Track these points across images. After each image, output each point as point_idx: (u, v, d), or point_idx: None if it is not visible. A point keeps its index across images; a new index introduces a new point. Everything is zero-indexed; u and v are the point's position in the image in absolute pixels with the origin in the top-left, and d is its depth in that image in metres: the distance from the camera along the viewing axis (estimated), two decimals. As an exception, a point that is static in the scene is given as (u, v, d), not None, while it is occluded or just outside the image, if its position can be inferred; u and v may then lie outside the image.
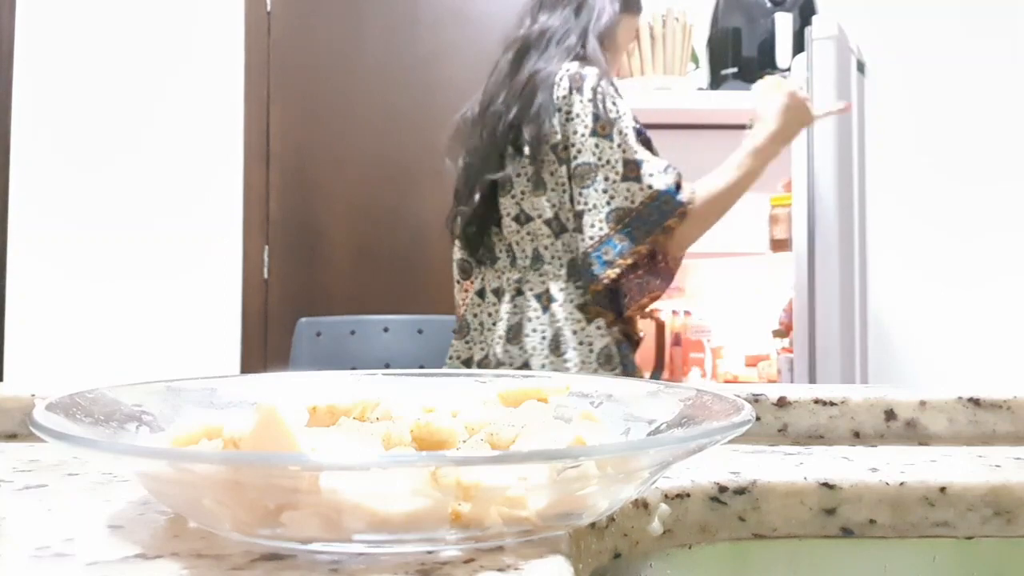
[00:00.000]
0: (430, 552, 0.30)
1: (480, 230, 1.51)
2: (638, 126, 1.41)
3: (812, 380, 1.93)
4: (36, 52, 2.60)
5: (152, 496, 0.34)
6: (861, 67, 2.09)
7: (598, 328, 1.39)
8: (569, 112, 1.39)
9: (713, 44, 2.32)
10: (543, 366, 1.38)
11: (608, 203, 1.36)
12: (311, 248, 2.65)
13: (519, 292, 1.44)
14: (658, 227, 1.37)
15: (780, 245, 2.19)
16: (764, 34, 2.20)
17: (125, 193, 2.59)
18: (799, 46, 2.15)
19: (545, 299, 1.41)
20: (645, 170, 1.37)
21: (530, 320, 1.41)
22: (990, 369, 2.52)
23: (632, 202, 1.36)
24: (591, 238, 1.36)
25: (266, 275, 2.64)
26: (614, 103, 1.39)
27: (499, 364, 1.42)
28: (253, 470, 0.29)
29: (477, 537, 0.30)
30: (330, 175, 2.65)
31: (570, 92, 1.39)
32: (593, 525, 0.38)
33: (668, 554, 0.43)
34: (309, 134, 2.66)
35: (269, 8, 2.66)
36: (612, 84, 1.42)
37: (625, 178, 1.37)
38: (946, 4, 2.64)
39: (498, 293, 1.47)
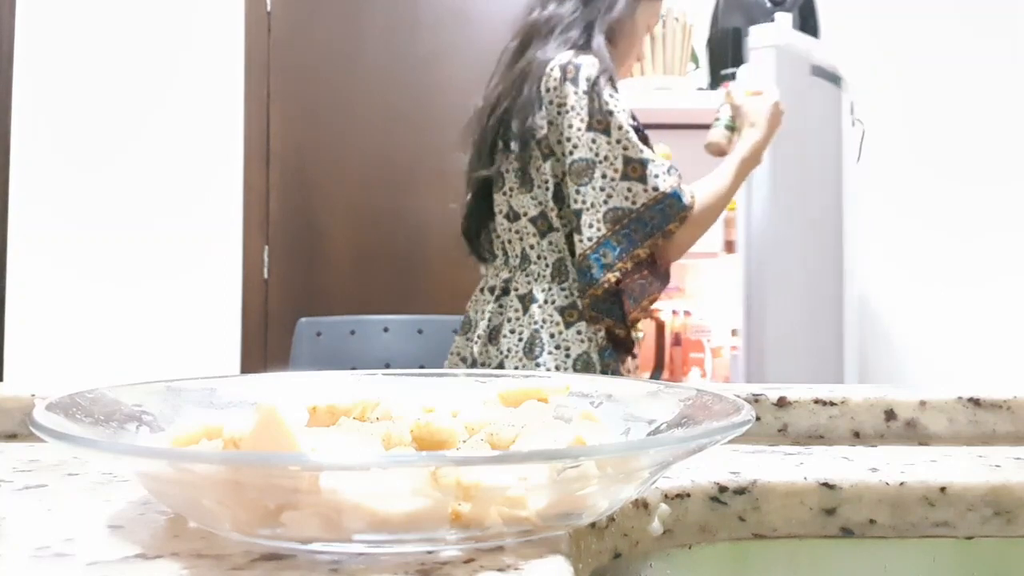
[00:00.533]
0: (430, 552, 0.30)
1: (477, 227, 1.47)
2: (635, 123, 1.34)
3: (748, 379, 1.96)
4: (36, 52, 2.60)
5: (152, 496, 0.34)
6: (834, 78, 2.07)
7: (578, 333, 1.32)
8: (562, 104, 1.32)
9: (713, 44, 2.32)
10: (516, 368, 1.32)
11: (605, 202, 1.29)
12: (311, 248, 2.65)
13: (505, 291, 1.40)
14: (659, 231, 1.31)
15: (731, 247, 2.23)
16: (764, 34, 2.20)
17: (125, 193, 2.59)
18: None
19: (527, 300, 1.36)
20: (651, 170, 1.30)
21: (509, 321, 1.36)
22: (990, 369, 2.52)
23: (633, 203, 1.30)
24: (589, 239, 1.30)
25: (266, 275, 2.64)
26: (611, 96, 1.31)
27: (474, 364, 1.39)
28: (253, 470, 0.29)
29: (477, 537, 0.30)
30: (330, 175, 2.66)
31: (562, 83, 1.32)
32: (593, 525, 0.38)
33: (668, 554, 0.43)
34: (309, 134, 2.66)
35: (269, 8, 2.66)
36: (611, 77, 1.34)
37: (626, 177, 1.30)
38: (937, 6, 2.64)
39: (492, 291, 1.43)
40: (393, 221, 2.65)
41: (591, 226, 1.30)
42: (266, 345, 2.62)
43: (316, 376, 0.48)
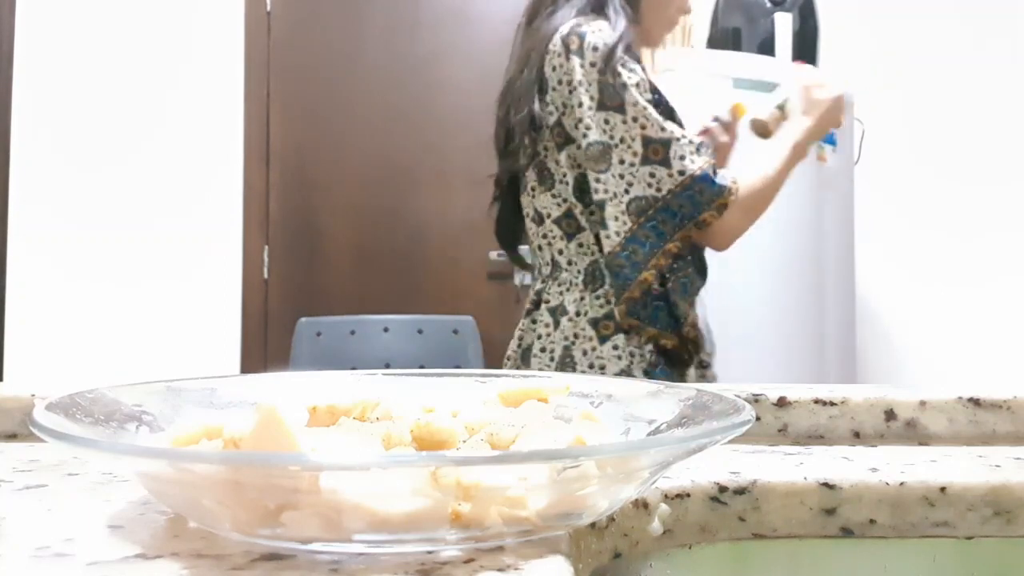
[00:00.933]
0: (430, 552, 0.30)
1: (508, 233, 1.32)
2: (657, 96, 1.16)
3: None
4: (36, 52, 2.60)
5: (152, 496, 0.34)
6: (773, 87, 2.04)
7: (614, 348, 1.14)
8: (569, 82, 1.14)
9: (713, 44, 2.32)
10: None
11: (627, 191, 1.12)
12: (311, 248, 2.65)
13: (537, 305, 1.23)
14: (690, 220, 1.13)
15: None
16: (764, 34, 2.20)
17: (125, 193, 2.59)
18: (799, 46, 2.15)
19: (558, 312, 1.19)
20: (675, 151, 1.12)
21: (540, 338, 1.20)
22: (990, 369, 2.52)
23: (658, 190, 1.12)
24: (617, 234, 1.13)
25: (266, 275, 2.64)
26: (624, 67, 1.13)
27: None
28: (253, 470, 0.29)
29: (477, 537, 0.30)
30: (330, 175, 2.66)
31: (566, 57, 1.14)
32: (593, 525, 0.38)
33: (668, 554, 0.43)
34: (309, 134, 2.66)
35: (269, 8, 2.66)
36: (627, 45, 1.15)
37: (647, 160, 1.12)
38: (937, 7, 2.64)
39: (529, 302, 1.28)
40: (393, 221, 2.65)
41: (616, 219, 1.13)
42: (266, 345, 2.62)
43: (316, 376, 0.48)
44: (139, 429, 0.39)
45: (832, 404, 0.57)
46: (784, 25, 2.19)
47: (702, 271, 1.22)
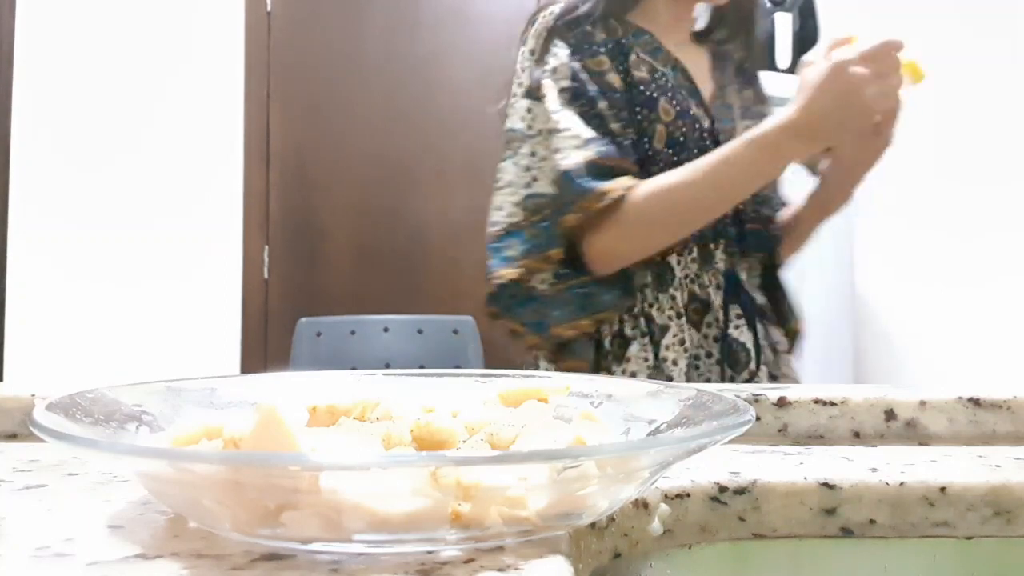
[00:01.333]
0: (430, 552, 0.30)
1: None
2: (577, 85, 1.00)
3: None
4: (36, 52, 2.60)
5: (152, 496, 0.34)
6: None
7: (535, 358, 1.04)
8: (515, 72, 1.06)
9: (713, 44, 2.32)
10: None
11: (528, 185, 1.00)
12: (311, 248, 2.65)
13: None
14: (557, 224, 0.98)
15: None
16: (764, 34, 2.20)
17: (125, 193, 2.59)
18: (799, 46, 2.15)
19: None
20: (553, 144, 0.98)
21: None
22: (990, 369, 2.53)
23: (558, 189, 0.99)
24: (494, 224, 1.02)
25: (266, 275, 2.64)
26: (551, 49, 1.02)
27: None
28: (253, 470, 0.29)
29: (477, 537, 0.30)
30: (330, 175, 2.66)
31: (522, 44, 1.06)
32: (593, 525, 0.38)
33: (668, 554, 0.43)
34: (309, 134, 2.66)
35: (269, 8, 2.66)
36: (569, 22, 1.03)
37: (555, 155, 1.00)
38: (937, 6, 2.65)
39: None
40: (393, 221, 2.65)
41: (501, 208, 1.02)
42: (266, 345, 2.62)
43: (316, 376, 0.48)
44: (139, 429, 0.39)
45: (832, 404, 0.57)
46: (784, 25, 2.19)
47: (613, 289, 0.99)
